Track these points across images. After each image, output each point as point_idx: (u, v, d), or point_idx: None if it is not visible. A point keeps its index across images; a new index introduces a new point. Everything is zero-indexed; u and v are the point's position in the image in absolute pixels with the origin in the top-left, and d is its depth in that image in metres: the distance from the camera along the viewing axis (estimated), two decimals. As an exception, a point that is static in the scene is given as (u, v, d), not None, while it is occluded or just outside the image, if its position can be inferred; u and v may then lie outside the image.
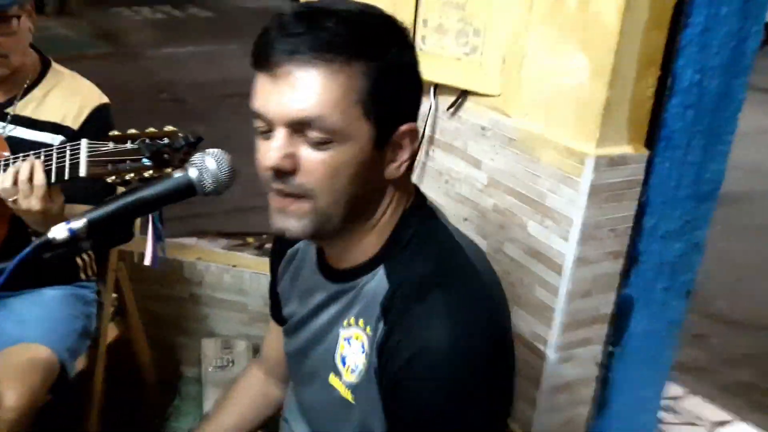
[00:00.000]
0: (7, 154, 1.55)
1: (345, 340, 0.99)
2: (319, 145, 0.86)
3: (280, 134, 0.87)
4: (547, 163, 1.44)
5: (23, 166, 1.40)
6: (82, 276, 1.84)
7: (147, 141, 1.36)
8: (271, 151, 0.87)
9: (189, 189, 0.93)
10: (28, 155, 1.45)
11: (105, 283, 1.92)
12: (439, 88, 1.66)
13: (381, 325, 0.93)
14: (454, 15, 1.52)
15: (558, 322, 1.48)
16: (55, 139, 1.64)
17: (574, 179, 1.38)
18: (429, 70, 0.89)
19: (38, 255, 0.87)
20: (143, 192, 0.92)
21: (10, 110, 1.67)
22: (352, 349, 0.98)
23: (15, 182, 1.39)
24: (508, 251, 1.58)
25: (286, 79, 0.84)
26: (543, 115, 1.44)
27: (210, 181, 0.92)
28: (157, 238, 1.36)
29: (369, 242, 0.96)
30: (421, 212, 0.99)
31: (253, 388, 1.32)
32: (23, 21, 1.60)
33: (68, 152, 1.40)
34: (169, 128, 1.38)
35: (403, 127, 0.90)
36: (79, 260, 1.82)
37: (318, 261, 1.05)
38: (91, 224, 0.89)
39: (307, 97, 0.84)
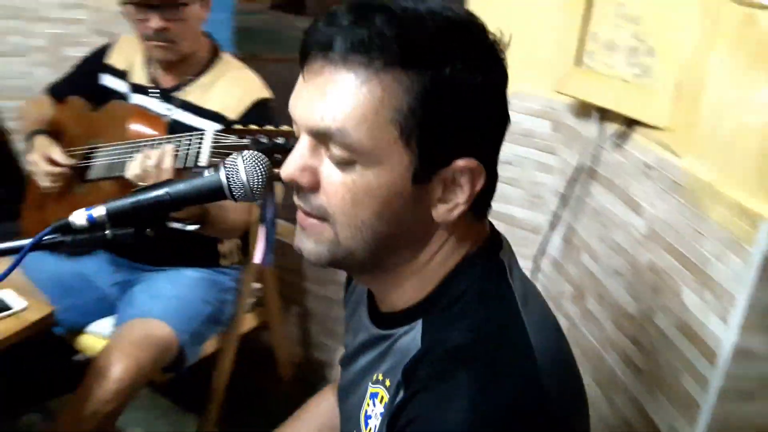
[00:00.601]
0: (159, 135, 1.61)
1: (371, 396, 0.83)
2: (341, 164, 0.71)
3: (303, 143, 0.74)
4: (715, 221, 1.13)
5: (154, 152, 1.42)
6: (223, 262, 1.86)
7: (261, 138, 1.31)
8: (289, 160, 0.74)
9: (218, 192, 0.84)
10: (169, 139, 1.48)
11: (247, 271, 1.93)
12: (606, 113, 1.41)
13: (401, 392, 0.75)
14: (627, 29, 1.26)
15: (704, 425, 1.16)
16: (214, 128, 1.67)
17: (744, 247, 1.06)
18: (593, 90, 0.71)
19: (56, 237, 0.84)
20: (169, 187, 0.84)
21: (177, 94, 1.74)
22: (375, 410, 0.82)
23: (147, 167, 1.43)
24: (658, 321, 1.28)
25: (315, 80, 0.71)
26: (717, 159, 1.13)
27: (239, 189, 0.82)
28: (269, 237, 1.30)
29: (411, 287, 0.79)
30: (484, 264, 0.78)
31: (322, 413, 1.21)
32: (193, 8, 1.64)
33: (194, 140, 1.40)
34: (286, 128, 1.32)
35: (460, 163, 0.71)
36: (221, 246, 1.85)
37: (367, 296, 0.90)
38: (110, 213, 0.84)
39: (332, 105, 0.69)
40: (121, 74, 1.84)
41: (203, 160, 1.37)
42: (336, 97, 0.69)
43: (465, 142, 0.71)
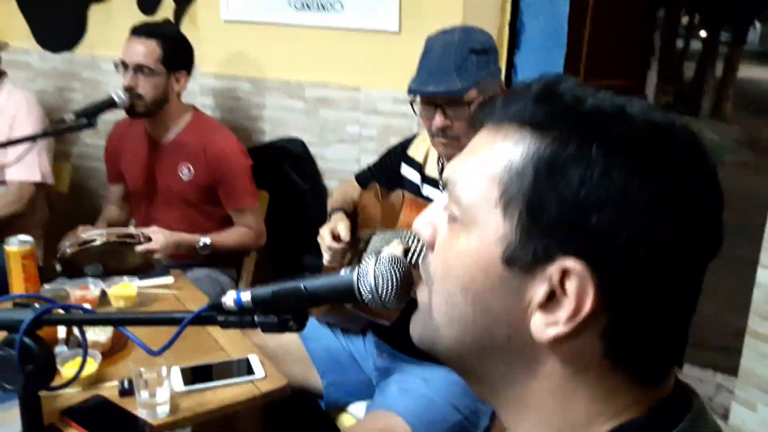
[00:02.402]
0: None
1: None
2: (450, 219, 0.62)
3: (443, 199, 0.65)
4: None
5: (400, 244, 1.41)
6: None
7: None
8: (422, 214, 0.67)
9: (349, 293, 0.76)
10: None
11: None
12: None
13: None
14: None
15: None
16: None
17: None
18: None
19: (210, 315, 0.85)
20: (307, 281, 0.79)
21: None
22: None
23: None
24: None
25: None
26: None
27: (367, 293, 0.74)
28: None
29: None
30: None
31: None
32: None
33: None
34: None
35: (566, 262, 0.53)
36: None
37: None
38: (254, 299, 0.82)
39: (462, 155, 0.62)
40: (417, 166, 1.89)
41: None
42: (466, 150, 0.62)
43: (579, 240, 0.53)
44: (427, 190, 1.84)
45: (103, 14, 3.05)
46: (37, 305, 0.96)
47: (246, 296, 0.82)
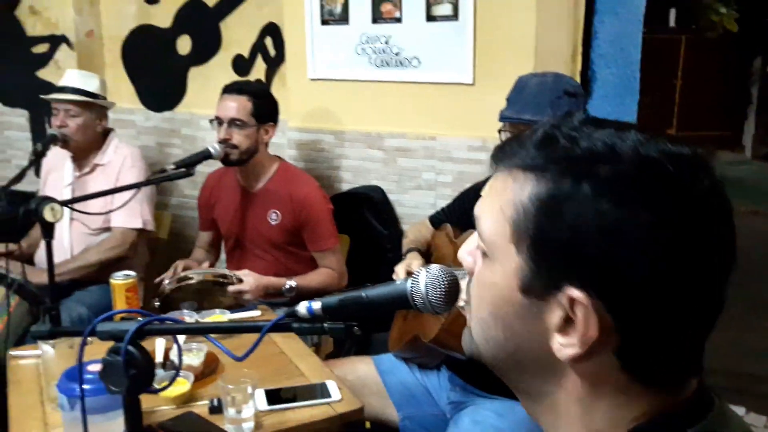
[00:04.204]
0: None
1: None
2: (482, 253, 0.69)
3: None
4: None
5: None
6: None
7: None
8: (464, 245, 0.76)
9: (403, 299, 0.86)
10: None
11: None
12: None
13: None
14: None
15: None
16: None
17: None
18: None
19: (287, 323, 0.97)
20: (365, 292, 0.90)
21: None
22: None
23: None
24: None
25: None
26: None
27: (419, 299, 0.84)
28: None
29: None
30: None
31: None
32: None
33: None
34: None
35: (570, 292, 0.60)
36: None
37: None
38: (324, 307, 0.93)
39: (484, 195, 0.70)
40: (491, 205, 1.98)
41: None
42: (485, 190, 0.70)
43: (578, 271, 0.60)
44: None
45: (201, 76, 3.35)
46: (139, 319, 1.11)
47: (317, 305, 0.94)
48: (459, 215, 2.09)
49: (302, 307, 0.95)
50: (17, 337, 2.39)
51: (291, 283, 2.36)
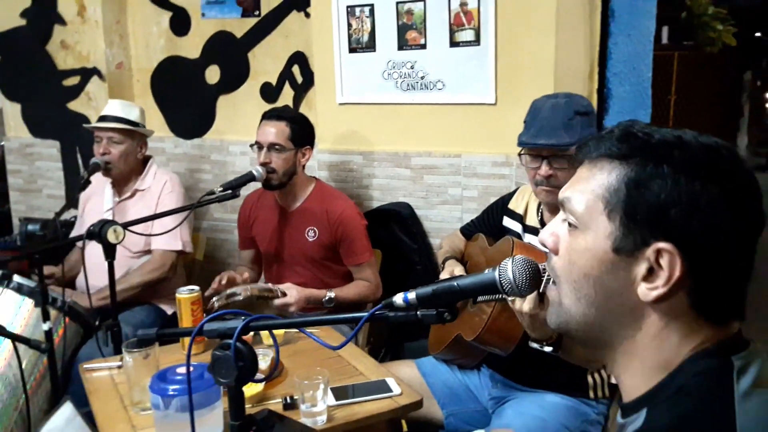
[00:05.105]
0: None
1: None
2: (570, 228, 0.88)
3: (560, 215, 0.92)
4: None
5: None
6: (591, 394, 1.92)
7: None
8: (545, 228, 0.94)
9: (492, 286, 1.01)
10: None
11: (615, 407, 1.93)
12: None
13: None
14: None
15: None
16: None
17: None
18: None
19: (383, 312, 1.11)
20: (457, 281, 1.05)
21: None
22: None
23: None
24: None
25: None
26: None
27: (507, 285, 1.00)
28: None
29: (640, 376, 0.86)
30: (708, 363, 0.81)
31: None
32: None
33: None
34: None
35: (658, 245, 0.80)
36: (590, 378, 1.92)
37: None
38: (419, 297, 1.08)
39: (571, 182, 0.90)
40: (518, 217, 2.14)
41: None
42: (575, 178, 0.90)
43: (665, 228, 0.79)
44: (527, 237, 2.08)
45: (230, 104, 3.52)
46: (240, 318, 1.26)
47: (412, 295, 1.08)
48: (489, 226, 2.25)
49: (398, 298, 1.09)
50: (68, 356, 2.53)
51: (330, 294, 2.50)
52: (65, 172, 3.96)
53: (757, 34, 12.73)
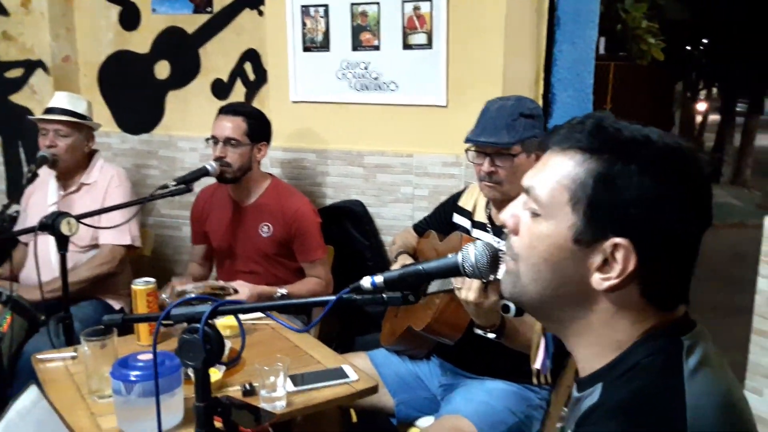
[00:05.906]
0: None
1: None
2: (532, 214, 0.93)
3: (521, 198, 0.98)
4: None
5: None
6: (534, 381, 2.02)
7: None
8: (506, 209, 0.99)
9: (455, 269, 1.09)
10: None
11: (557, 393, 2.04)
12: None
13: None
14: None
15: None
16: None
17: None
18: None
19: (351, 296, 1.17)
20: (422, 265, 1.12)
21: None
22: None
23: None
24: None
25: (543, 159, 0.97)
26: None
27: (469, 267, 1.07)
28: (548, 347, 1.50)
29: (593, 354, 0.94)
30: (658, 343, 0.89)
31: None
32: (520, 158, 1.96)
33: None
34: None
35: (615, 240, 0.86)
36: (532, 364, 2.02)
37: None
38: (386, 280, 1.14)
39: (535, 170, 0.95)
40: (468, 214, 2.23)
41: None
42: (539, 166, 0.95)
43: (624, 225, 0.86)
44: (476, 233, 2.17)
45: (179, 100, 3.51)
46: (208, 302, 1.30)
47: (379, 278, 1.14)
48: (440, 223, 2.34)
49: (365, 281, 1.15)
50: (14, 349, 2.50)
51: (282, 291, 2.54)
52: (6, 166, 3.87)
53: (688, 48, 13.34)
